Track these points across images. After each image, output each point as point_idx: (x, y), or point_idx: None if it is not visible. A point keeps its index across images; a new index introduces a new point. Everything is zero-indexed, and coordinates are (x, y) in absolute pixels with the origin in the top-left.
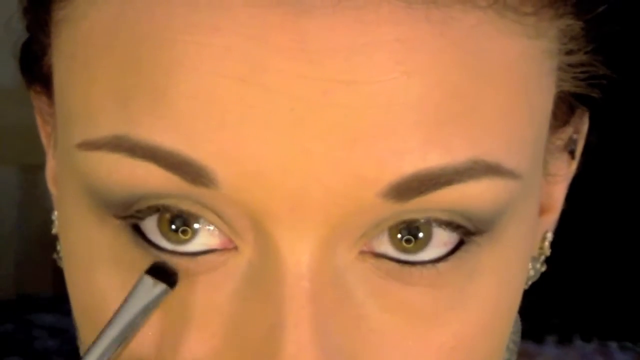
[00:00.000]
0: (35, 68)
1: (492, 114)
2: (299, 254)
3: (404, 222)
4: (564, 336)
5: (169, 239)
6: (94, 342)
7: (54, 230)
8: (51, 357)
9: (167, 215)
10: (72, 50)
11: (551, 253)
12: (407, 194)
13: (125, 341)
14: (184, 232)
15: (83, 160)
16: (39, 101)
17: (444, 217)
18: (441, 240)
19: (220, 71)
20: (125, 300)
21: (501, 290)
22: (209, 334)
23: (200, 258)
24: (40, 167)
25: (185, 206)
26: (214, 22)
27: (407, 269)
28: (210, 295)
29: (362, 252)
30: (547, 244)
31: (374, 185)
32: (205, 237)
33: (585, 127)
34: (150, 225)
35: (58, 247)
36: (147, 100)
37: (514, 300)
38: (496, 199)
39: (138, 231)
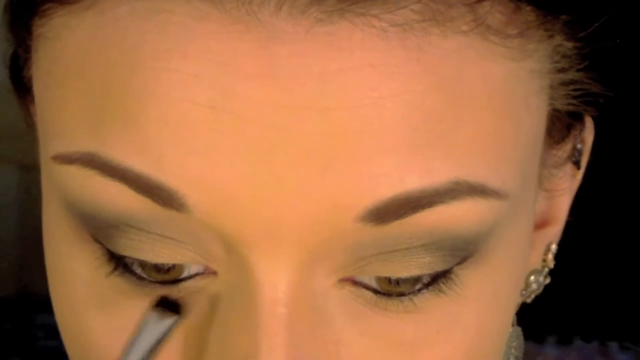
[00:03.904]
0: (21, 78)
1: (474, 136)
2: (275, 279)
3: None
4: (564, 336)
5: (152, 276)
6: None
7: None
8: (51, 357)
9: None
10: (47, 68)
11: None
12: (386, 218)
13: None
14: (170, 269)
15: (58, 173)
16: (30, 108)
17: (427, 240)
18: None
19: (190, 98)
20: (135, 337)
21: (489, 313)
22: (190, 358)
23: (181, 285)
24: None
25: (159, 229)
26: (183, 49)
27: (384, 299)
28: (190, 318)
29: (341, 280)
30: (550, 256)
31: (350, 211)
32: (188, 267)
33: (590, 136)
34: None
35: None
36: (118, 123)
37: (504, 321)
38: (480, 219)
39: (117, 259)
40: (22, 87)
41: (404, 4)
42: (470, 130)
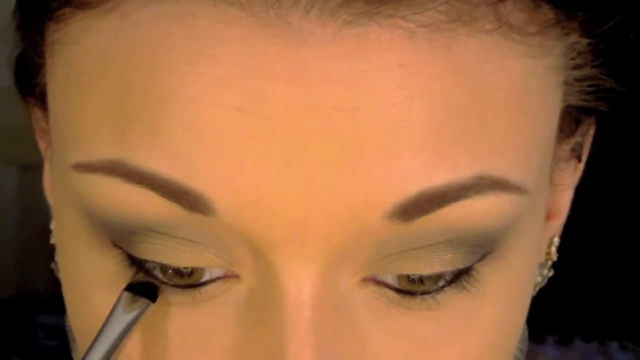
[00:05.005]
0: (29, 83)
1: (496, 132)
2: (300, 282)
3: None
4: (564, 336)
5: (173, 281)
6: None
7: (52, 240)
8: (51, 357)
9: (170, 270)
10: (65, 74)
11: None
12: (413, 214)
13: (111, 358)
14: (191, 273)
15: (79, 182)
16: (34, 113)
17: (450, 236)
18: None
19: (217, 101)
20: (108, 318)
21: (507, 308)
22: None
23: (202, 289)
24: (40, 167)
25: (183, 234)
26: (210, 52)
27: (407, 298)
28: (211, 322)
29: (363, 280)
30: (553, 249)
31: (379, 208)
32: (209, 271)
33: (592, 130)
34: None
35: (56, 257)
36: (142, 128)
37: (520, 315)
38: (502, 214)
39: (138, 265)
40: (27, 90)
41: (431, 5)
42: (493, 127)
